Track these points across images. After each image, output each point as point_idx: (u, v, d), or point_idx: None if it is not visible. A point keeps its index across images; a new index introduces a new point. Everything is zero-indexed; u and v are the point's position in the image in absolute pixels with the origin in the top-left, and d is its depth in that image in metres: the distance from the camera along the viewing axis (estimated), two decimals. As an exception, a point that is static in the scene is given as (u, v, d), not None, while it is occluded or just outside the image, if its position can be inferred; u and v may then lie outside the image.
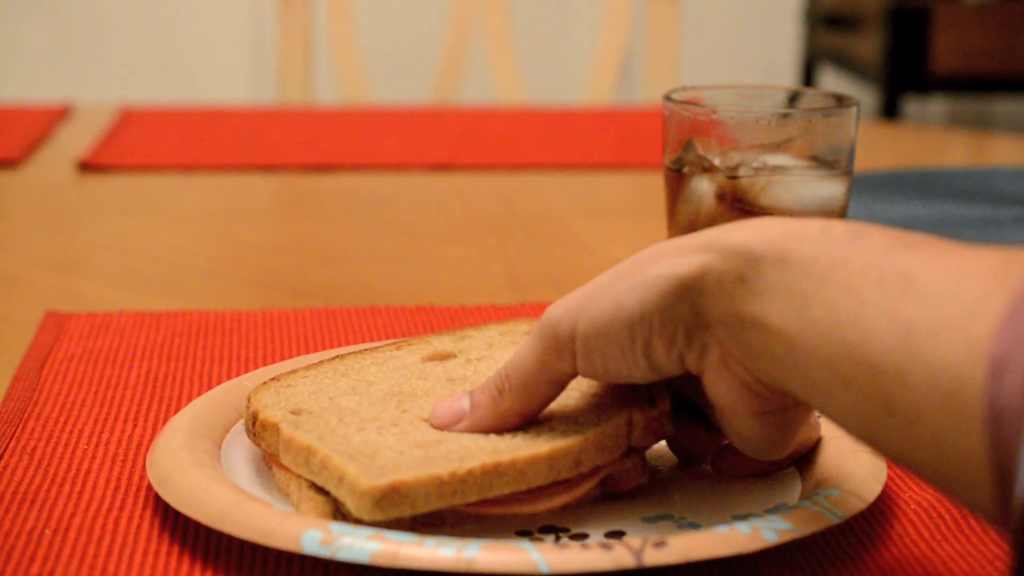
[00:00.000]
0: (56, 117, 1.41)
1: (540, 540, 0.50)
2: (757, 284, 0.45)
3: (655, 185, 0.80)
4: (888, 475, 0.57)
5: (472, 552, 0.45)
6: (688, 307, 0.47)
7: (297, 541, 0.46)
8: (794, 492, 0.54)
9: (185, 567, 0.48)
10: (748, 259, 0.46)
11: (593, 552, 0.45)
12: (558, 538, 0.51)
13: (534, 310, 0.79)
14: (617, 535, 0.51)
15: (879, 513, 0.53)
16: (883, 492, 0.55)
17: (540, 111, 1.57)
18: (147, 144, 1.31)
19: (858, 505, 0.50)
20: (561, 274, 0.91)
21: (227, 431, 0.57)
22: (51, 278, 0.90)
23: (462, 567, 0.45)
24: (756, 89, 0.75)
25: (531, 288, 0.87)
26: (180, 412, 0.57)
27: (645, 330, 0.48)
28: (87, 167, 1.19)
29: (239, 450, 0.56)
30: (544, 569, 0.45)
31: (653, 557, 0.45)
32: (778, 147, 0.69)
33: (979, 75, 2.71)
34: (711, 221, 0.70)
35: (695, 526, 0.52)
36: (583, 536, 0.51)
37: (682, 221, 0.72)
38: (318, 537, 0.46)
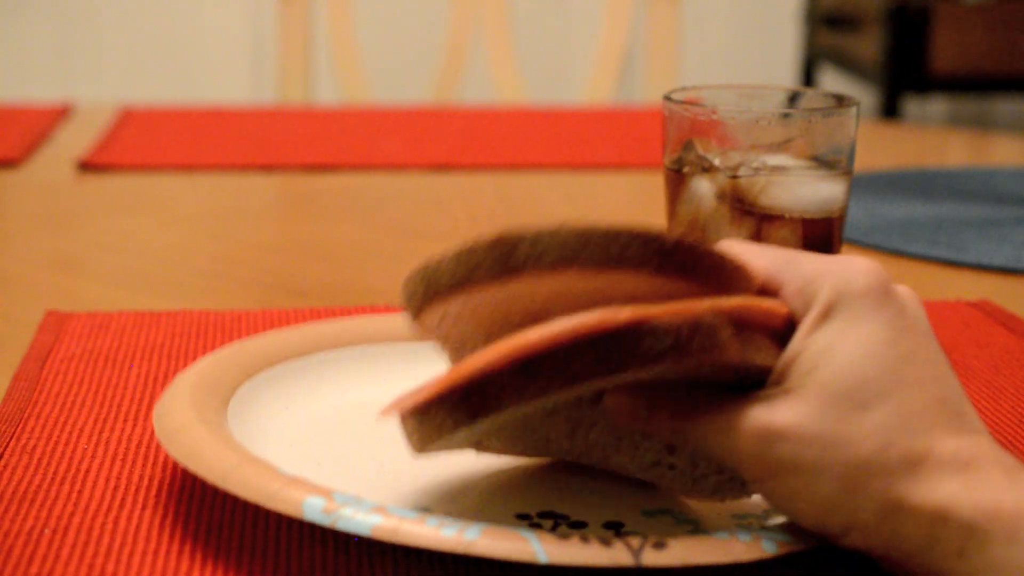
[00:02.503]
0: (56, 117, 1.41)
1: (539, 526, 0.50)
2: (980, 560, 0.44)
3: (655, 185, 0.80)
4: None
5: (473, 535, 0.45)
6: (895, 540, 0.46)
7: (299, 506, 0.46)
8: None
9: (184, 566, 0.48)
10: (972, 534, 0.44)
11: (592, 547, 0.45)
12: (556, 524, 0.51)
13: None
14: (615, 526, 0.51)
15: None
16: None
17: (540, 111, 1.57)
18: (147, 144, 1.31)
19: None
20: (561, 274, 0.90)
21: (234, 391, 0.57)
22: (51, 278, 0.90)
23: (461, 548, 0.45)
24: (756, 89, 0.75)
25: (531, 288, 0.87)
26: (187, 369, 0.57)
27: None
28: (87, 167, 1.19)
29: (245, 410, 0.57)
30: (542, 559, 0.45)
31: (652, 558, 0.45)
32: (778, 147, 0.69)
33: (979, 75, 2.71)
34: (711, 221, 0.70)
35: (694, 523, 0.52)
36: (582, 524, 0.51)
37: (682, 221, 0.72)
38: (320, 504, 0.46)
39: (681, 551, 0.46)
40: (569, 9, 3.03)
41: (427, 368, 0.63)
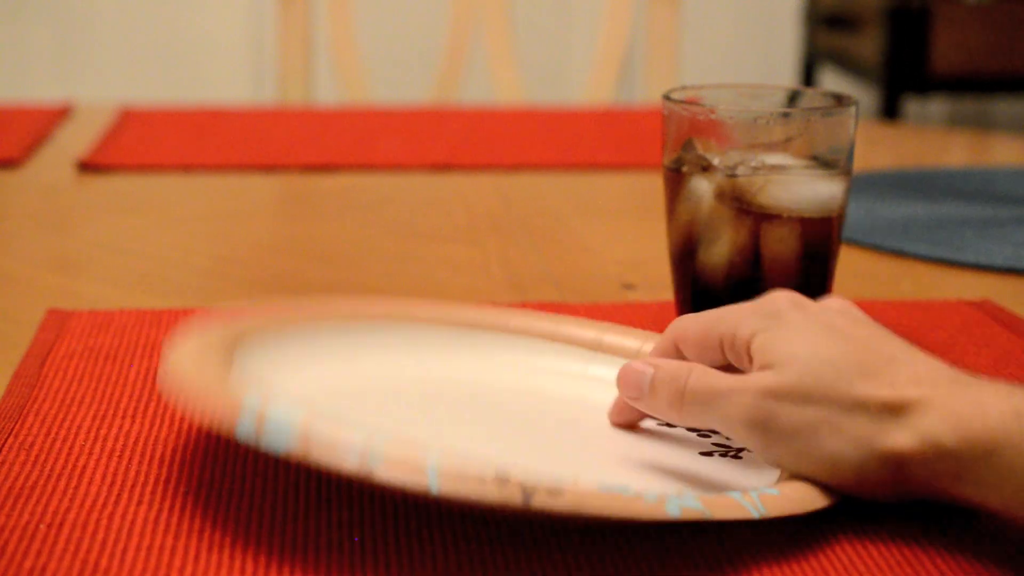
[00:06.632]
0: (56, 117, 1.41)
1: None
2: (969, 476, 0.49)
3: (655, 185, 0.80)
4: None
5: (376, 462, 0.46)
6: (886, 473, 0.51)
7: (238, 408, 0.49)
8: (769, 482, 0.54)
9: (178, 562, 0.48)
10: (955, 457, 0.49)
11: (487, 484, 0.46)
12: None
13: (534, 310, 0.79)
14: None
15: (871, 512, 0.53)
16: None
17: (540, 111, 1.57)
18: (147, 144, 1.31)
19: (789, 508, 0.50)
20: (561, 274, 0.91)
21: (255, 338, 0.60)
22: (51, 278, 0.90)
23: (363, 473, 0.46)
24: (756, 89, 0.75)
25: (531, 288, 0.87)
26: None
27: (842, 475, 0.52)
28: (87, 167, 1.19)
29: (260, 357, 0.59)
30: (434, 489, 0.46)
31: (542, 502, 0.46)
32: (777, 146, 0.69)
33: (979, 75, 2.71)
34: (710, 221, 0.71)
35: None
36: None
37: (681, 221, 0.72)
38: (256, 404, 0.49)
39: (574, 499, 0.46)
40: (569, 9, 3.03)
41: (470, 352, 0.66)
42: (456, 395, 0.62)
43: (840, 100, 0.71)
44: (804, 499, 0.50)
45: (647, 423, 0.61)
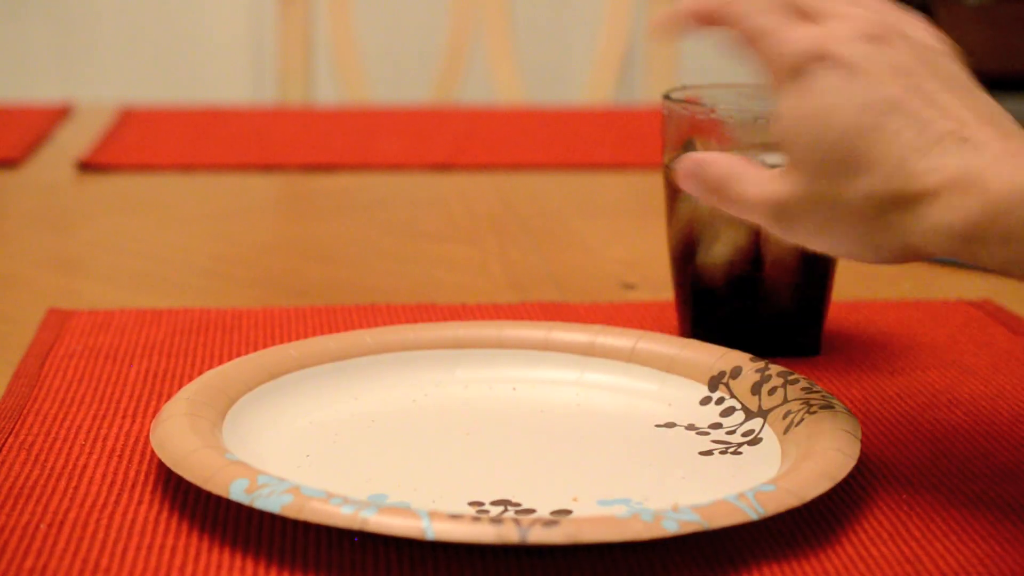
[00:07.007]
0: (56, 117, 1.41)
1: (487, 512, 0.51)
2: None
3: (655, 185, 0.80)
4: (875, 472, 0.57)
5: (369, 513, 0.47)
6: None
7: (227, 487, 0.49)
8: (768, 477, 0.54)
9: (178, 561, 0.48)
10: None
11: (481, 525, 0.46)
12: (505, 510, 0.52)
13: (534, 310, 0.79)
14: (564, 514, 0.51)
15: (870, 511, 0.53)
16: (877, 489, 0.55)
17: (540, 111, 1.57)
18: (147, 144, 1.31)
19: (788, 503, 0.50)
20: (561, 274, 0.91)
21: (234, 400, 0.59)
22: (51, 277, 0.90)
23: (356, 525, 0.47)
24: (756, 88, 0.75)
25: (531, 288, 0.87)
26: (191, 382, 0.60)
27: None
28: (87, 167, 1.19)
29: (245, 416, 0.59)
30: (430, 535, 0.46)
31: (539, 535, 0.46)
32: (777, 146, 0.69)
33: (979, 75, 2.71)
34: (710, 221, 0.71)
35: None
36: (531, 512, 0.52)
37: (681, 221, 0.72)
38: (244, 485, 0.49)
39: (571, 529, 0.46)
40: (569, 9, 3.03)
41: (429, 374, 0.65)
42: (455, 416, 0.62)
43: (840, 100, 0.71)
44: (803, 490, 0.50)
45: (646, 424, 0.61)
